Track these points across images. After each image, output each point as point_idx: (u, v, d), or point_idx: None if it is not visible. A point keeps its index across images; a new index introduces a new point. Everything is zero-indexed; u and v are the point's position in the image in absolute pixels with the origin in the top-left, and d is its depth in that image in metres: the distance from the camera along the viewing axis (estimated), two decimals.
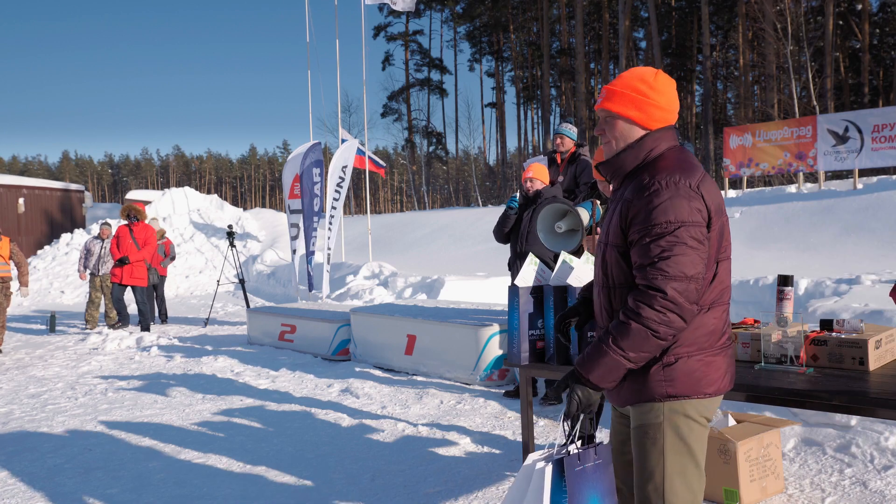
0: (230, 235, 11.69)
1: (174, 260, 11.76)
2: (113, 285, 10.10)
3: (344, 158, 11.03)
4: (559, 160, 5.89)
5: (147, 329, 10.11)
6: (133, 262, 9.88)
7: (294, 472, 4.01)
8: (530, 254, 3.60)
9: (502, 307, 7.19)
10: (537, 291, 3.32)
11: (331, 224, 11.04)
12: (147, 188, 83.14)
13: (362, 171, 14.25)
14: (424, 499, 3.55)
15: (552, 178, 5.71)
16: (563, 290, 3.26)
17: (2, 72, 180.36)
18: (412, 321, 6.72)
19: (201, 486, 3.87)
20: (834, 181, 19.30)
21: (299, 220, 11.45)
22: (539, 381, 5.67)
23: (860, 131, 14.86)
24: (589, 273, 3.32)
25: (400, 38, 51.76)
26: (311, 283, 11.25)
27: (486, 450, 4.29)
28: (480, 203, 44.50)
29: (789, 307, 2.78)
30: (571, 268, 3.34)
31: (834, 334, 2.74)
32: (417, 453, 4.26)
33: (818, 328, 2.93)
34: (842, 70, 34.70)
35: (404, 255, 17.79)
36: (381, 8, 45.97)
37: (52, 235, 23.24)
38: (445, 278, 10.92)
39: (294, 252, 11.76)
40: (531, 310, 3.28)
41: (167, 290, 14.41)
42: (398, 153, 58.02)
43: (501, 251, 15.91)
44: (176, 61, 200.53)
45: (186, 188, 21.90)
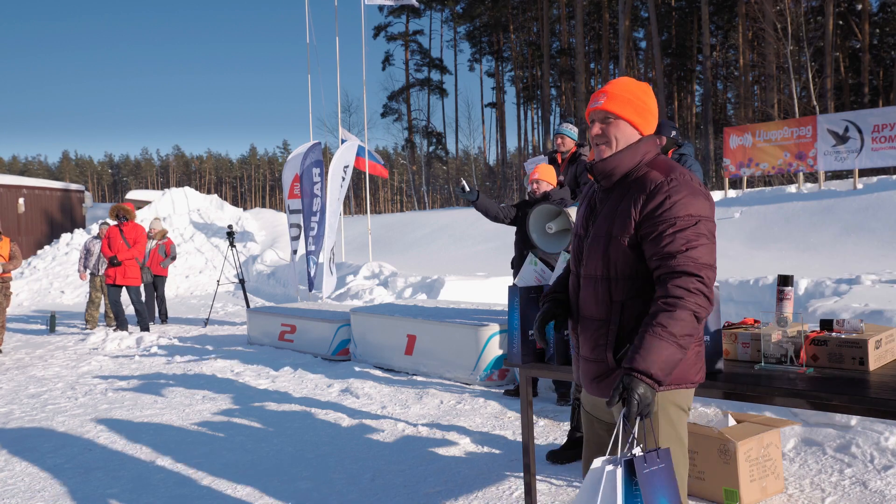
0: (230, 235, 11.69)
1: (175, 260, 11.74)
2: (108, 287, 9.97)
3: (345, 158, 11.03)
4: (560, 160, 5.88)
5: (146, 329, 10.07)
6: (124, 260, 9.77)
7: (294, 472, 4.01)
8: (530, 254, 3.61)
9: (502, 307, 7.19)
10: (537, 291, 3.32)
11: (336, 225, 11.03)
12: (147, 188, 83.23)
13: (362, 171, 14.24)
14: (424, 499, 3.55)
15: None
16: None
17: (2, 72, 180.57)
18: (412, 321, 6.72)
19: (201, 486, 3.87)
20: (834, 181, 19.30)
21: (299, 220, 11.45)
22: (539, 382, 5.67)
23: (860, 131, 14.86)
24: None
25: (400, 38, 51.76)
26: (311, 283, 11.25)
27: (486, 450, 4.29)
28: None
29: (789, 307, 2.78)
30: None
31: (834, 334, 2.74)
32: (417, 453, 4.26)
33: (818, 328, 2.93)
34: (842, 70, 34.70)
35: (404, 255, 17.80)
36: (381, 8, 45.97)
37: (52, 235, 23.25)
38: (445, 278, 10.92)
39: (294, 252, 11.76)
40: (531, 310, 3.28)
41: (167, 290, 14.40)
42: (398, 153, 58.03)
43: (501, 251, 15.90)
44: (176, 61, 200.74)
45: (186, 188, 21.90)
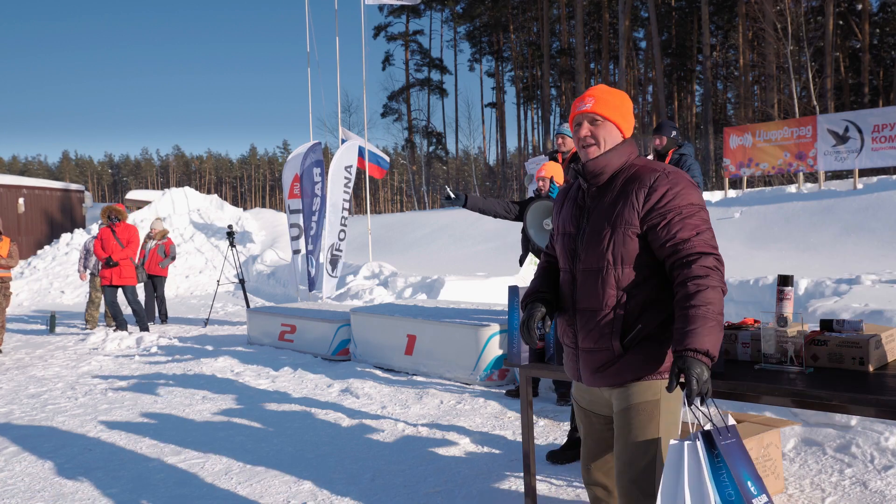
0: (230, 235, 11.69)
1: (174, 260, 11.73)
2: (104, 289, 9.89)
3: (346, 158, 11.02)
4: (560, 160, 5.88)
5: (145, 329, 10.02)
6: (118, 260, 9.73)
7: (294, 472, 4.01)
8: (530, 253, 3.60)
9: (502, 307, 7.19)
10: None
11: (345, 226, 10.97)
12: (147, 188, 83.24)
13: (362, 171, 14.23)
14: (424, 499, 3.55)
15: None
16: None
17: (2, 72, 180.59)
18: (412, 321, 6.72)
19: (201, 486, 3.87)
20: (834, 181, 19.29)
21: (299, 220, 11.44)
22: (539, 381, 5.67)
23: (860, 131, 14.85)
24: None
25: (400, 38, 51.73)
26: (311, 283, 11.25)
27: (486, 450, 4.29)
28: None
29: (789, 307, 2.77)
30: None
31: (834, 334, 2.74)
32: (417, 453, 4.26)
33: (818, 328, 2.93)
34: (842, 70, 34.69)
35: (404, 255, 17.79)
36: (381, 8, 45.99)
37: (52, 235, 23.26)
38: (445, 278, 10.91)
39: (296, 252, 11.75)
40: None
41: (167, 290, 14.39)
42: (398, 153, 57.98)
43: (501, 251, 15.90)
44: (176, 61, 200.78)
45: (186, 188, 21.89)
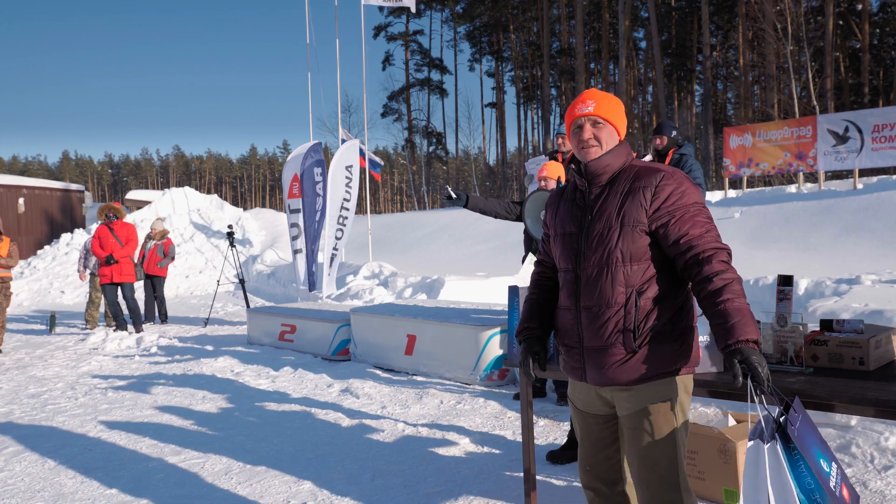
0: (230, 235, 11.68)
1: (173, 260, 11.72)
2: (105, 288, 9.86)
3: (346, 158, 11.00)
4: (560, 160, 5.88)
5: (139, 328, 9.96)
6: (119, 258, 9.73)
7: (294, 472, 4.01)
8: (530, 253, 3.60)
9: (502, 307, 7.19)
10: None
11: (343, 225, 10.95)
12: (147, 188, 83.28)
13: (362, 171, 14.24)
14: (424, 499, 3.55)
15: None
16: None
17: (2, 72, 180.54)
18: (412, 321, 6.72)
19: (201, 486, 3.87)
20: (834, 181, 19.29)
21: (299, 220, 11.44)
22: (545, 381, 5.66)
23: (860, 131, 14.85)
24: None
25: (400, 38, 51.71)
26: (312, 283, 11.24)
27: (486, 450, 4.29)
28: None
29: (789, 307, 2.78)
30: None
31: (834, 334, 2.74)
32: (417, 453, 4.26)
33: (818, 328, 2.93)
34: (842, 70, 34.68)
35: (404, 255, 17.79)
36: (381, 8, 45.96)
37: (52, 235, 23.27)
38: (445, 278, 10.91)
39: (298, 252, 11.73)
40: None
41: (167, 290, 14.40)
42: (398, 153, 57.98)
43: (501, 251, 15.90)
44: (176, 61, 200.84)
45: (186, 188, 21.90)
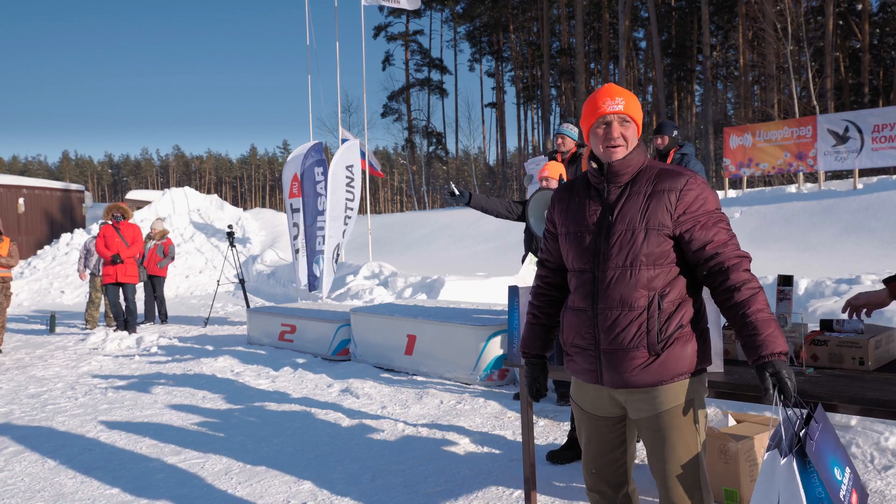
0: (230, 235, 11.68)
1: (173, 260, 11.72)
2: (107, 287, 9.85)
3: (346, 158, 10.97)
4: (560, 160, 5.88)
5: (133, 329, 9.95)
6: (125, 258, 9.76)
7: (294, 472, 4.01)
8: (530, 253, 3.60)
9: (502, 307, 7.19)
10: None
11: (346, 225, 10.90)
12: (147, 188, 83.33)
13: (363, 172, 14.21)
14: (424, 499, 3.55)
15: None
16: None
17: (2, 72, 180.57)
18: (412, 321, 6.72)
19: (201, 486, 3.87)
20: (834, 181, 19.28)
21: (300, 220, 11.42)
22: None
23: (860, 131, 14.84)
24: None
25: (400, 38, 51.71)
26: (312, 283, 11.23)
27: (486, 450, 4.29)
28: None
29: (789, 307, 2.78)
30: None
31: (834, 334, 2.74)
32: (417, 453, 4.26)
33: (818, 328, 2.93)
34: (842, 70, 34.68)
35: (404, 255, 17.79)
36: (381, 8, 45.94)
37: (52, 235, 23.26)
38: (445, 278, 10.91)
39: (297, 251, 11.71)
40: None
41: (166, 291, 14.39)
42: (398, 153, 57.97)
43: (501, 251, 15.90)
44: (176, 61, 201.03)
45: (186, 188, 21.91)
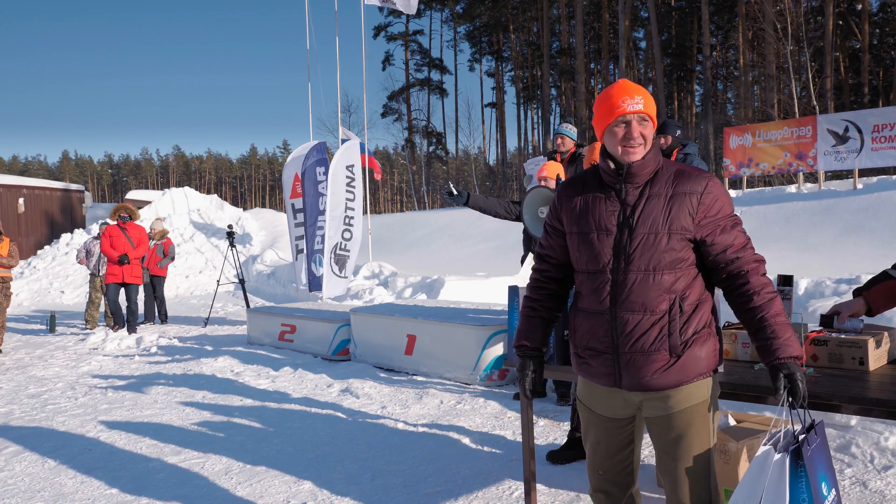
0: (230, 235, 11.68)
1: (173, 260, 11.72)
2: (109, 287, 9.84)
3: (347, 158, 10.96)
4: (559, 160, 5.88)
5: (134, 329, 9.96)
6: (131, 259, 9.78)
7: (294, 472, 4.01)
8: (530, 253, 3.60)
9: (502, 307, 7.19)
10: None
11: (350, 225, 10.83)
12: (147, 188, 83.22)
13: (370, 171, 14.15)
14: (424, 499, 3.55)
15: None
16: None
17: (2, 72, 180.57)
18: (412, 321, 6.72)
19: (201, 486, 3.87)
20: (834, 181, 19.28)
21: (301, 220, 11.43)
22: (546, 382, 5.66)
23: (860, 131, 14.84)
24: None
25: (400, 38, 51.70)
26: (313, 283, 11.22)
27: (486, 450, 4.29)
28: None
29: (789, 307, 2.78)
30: None
31: (834, 334, 2.74)
32: (417, 453, 4.26)
33: (819, 327, 2.94)
34: (842, 70, 34.67)
35: (404, 255, 17.79)
36: (381, 8, 45.95)
37: (52, 235, 23.25)
38: (445, 278, 10.91)
39: (301, 251, 11.70)
40: None
41: (166, 291, 14.37)
42: (398, 153, 57.96)
43: (501, 251, 15.89)
44: (176, 61, 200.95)
45: (186, 188, 21.90)
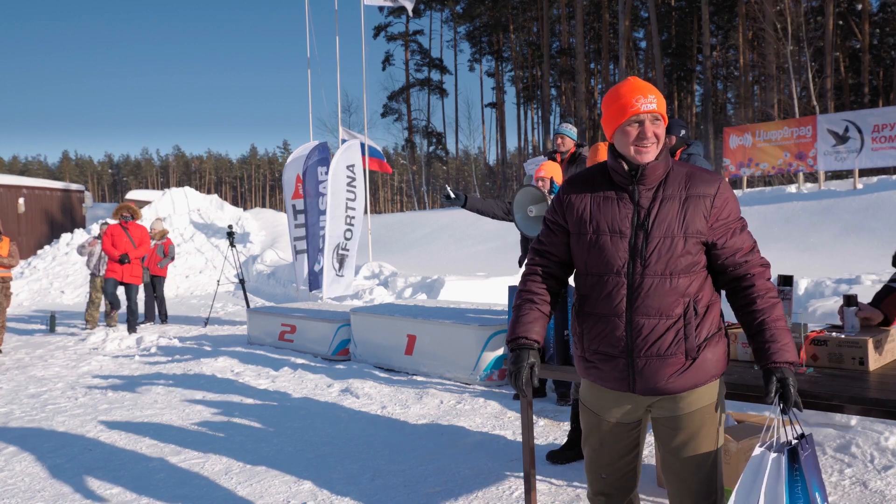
0: (230, 235, 11.68)
1: (173, 260, 11.72)
2: (107, 281, 9.87)
3: (348, 157, 10.95)
4: (559, 160, 5.88)
5: (134, 329, 9.97)
6: (132, 259, 9.82)
7: (294, 472, 4.01)
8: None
9: (502, 307, 7.19)
10: None
11: (351, 225, 10.81)
12: (147, 188, 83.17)
13: (364, 169, 14.14)
14: (424, 499, 3.55)
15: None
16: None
17: (2, 72, 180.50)
18: (412, 321, 6.72)
19: (201, 486, 3.87)
20: (834, 181, 19.28)
21: (303, 220, 11.43)
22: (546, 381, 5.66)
23: (860, 131, 14.85)
24: None
25: (400, 38, 51.72)
26: (314, 283, 11.22)
27: (486, 450, 4.29)
28: None
29: (789, 307, 2.78)
30: None
31: (834, 334, 2.74)
32: (417, 453, 4.26)
33: (819, 327, 2.94)
34: (842, 70, 34.68)
35: (404, 255, 17.80)
36: (381, 8, 45.94)
37: (52, 235, 23.25)
38: (445, 278, 10.92)
39: (302, 252, 11.70)
40: None
41: (167, 290, 14.37)
42: (398, 153, 57.93)
43: (501, 251, 15.90)
44: (176, 61, 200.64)
45: (186, 188, 21.91)
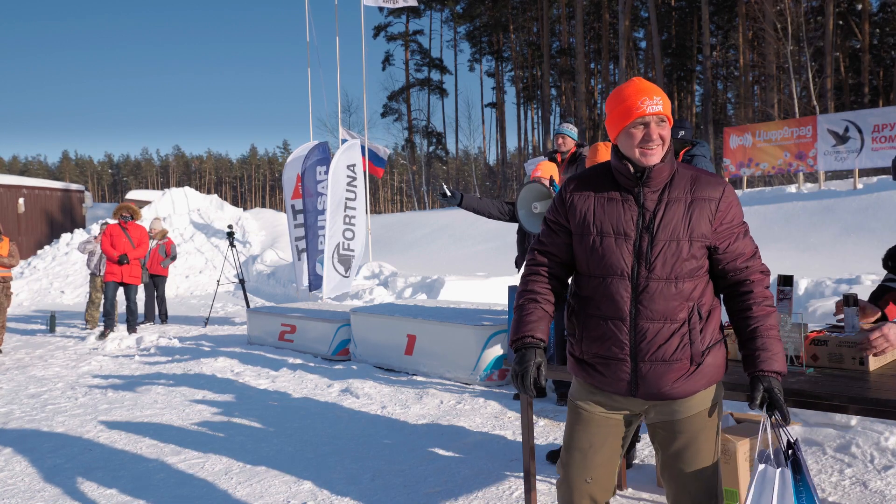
0: (230, 235, 11.68)
1: (175, 260, 11.72)
2: (108, 285, 9.81)
3: (348, 157, 10.95)
4: (560, 160, 5.88)
5: (134, 330, 9.95)
6: (131, 259, 9.79)
7: (294, 472, 4.01)
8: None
9: (502, 307, 7.19)
10: None
11: (352, 225, 10.76)
12: (147, 188, 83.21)
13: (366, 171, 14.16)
14: (424, 499, 3.55)
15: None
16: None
17: (2, 72, 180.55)
18: (412, 321, 6.72)
19: (201, 486, 3.87)
20: (834, 181, 19.27)
21: (303, 220, 11.43)
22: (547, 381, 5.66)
23: (860, 131, 14.86)
24: None
25: (400, 38, 51.72)
26: (314, 283, 11.22)
27: (486, 450, 4.29)
28: None
29: (789, 307, 2.78)
30: None
31: (834, 334, 2.74)
32: (417, 453, 4.26)
33: (819, 327, 2.94)
34: (842, 70, 34.67)
35: (404, 255, 17.80)
36: (381, 9, 45.96)
37: (52, 235, 23.26)
38: (445, 278, 10.92)
39: (302, 252, 11.70)
40: None
41: (167, 290, 14.39)
42: (398, 153, 57.92)
43: (501, 251, 15.90)
44: (176, 61, 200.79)
45: (186, 188, 21.91)
